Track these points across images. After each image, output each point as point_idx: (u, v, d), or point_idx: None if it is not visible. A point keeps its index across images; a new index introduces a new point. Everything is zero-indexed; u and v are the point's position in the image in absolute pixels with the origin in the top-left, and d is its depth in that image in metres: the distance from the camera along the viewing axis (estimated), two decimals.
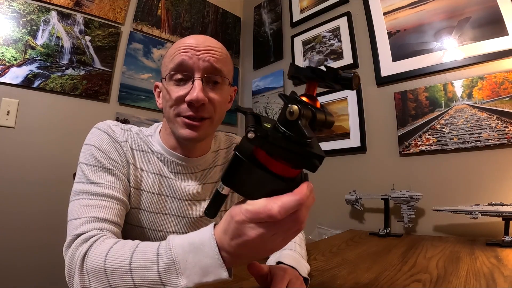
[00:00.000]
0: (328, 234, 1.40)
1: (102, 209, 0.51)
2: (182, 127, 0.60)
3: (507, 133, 1.06)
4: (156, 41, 1.79)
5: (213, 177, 0.71)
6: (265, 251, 0.37)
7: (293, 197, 0.31)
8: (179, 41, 0.62)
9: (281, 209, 0.31)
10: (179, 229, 0.65)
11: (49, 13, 1.42)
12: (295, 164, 0.32)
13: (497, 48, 1.12)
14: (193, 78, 0.58)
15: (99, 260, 0.42)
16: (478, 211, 0.96)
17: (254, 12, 2.26)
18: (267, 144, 0.31)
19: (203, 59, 0.58)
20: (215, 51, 0.60)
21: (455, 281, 0.59)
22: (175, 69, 0.59)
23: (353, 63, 1.56)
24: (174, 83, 0.59)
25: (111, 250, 0.42)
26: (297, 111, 0.29)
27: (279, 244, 0.36)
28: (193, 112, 0.58)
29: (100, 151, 0.58)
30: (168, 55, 0.62)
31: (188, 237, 0.39)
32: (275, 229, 0.33)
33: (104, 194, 0.53)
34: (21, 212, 1.25)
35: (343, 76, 0.30)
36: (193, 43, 0.59)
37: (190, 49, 0.58)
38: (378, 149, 1.43)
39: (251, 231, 0.33)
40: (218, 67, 0.60)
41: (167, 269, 0.37)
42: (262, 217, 0.32)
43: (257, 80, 2.12)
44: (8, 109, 1.27)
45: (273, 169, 0.32)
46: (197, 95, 0.56)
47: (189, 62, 0.58)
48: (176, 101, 0.59)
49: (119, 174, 0.58)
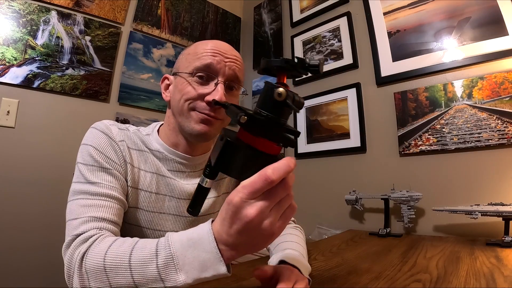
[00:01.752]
0: (328, 234, 1.40)
1: (100, 209, 0.51)
2: (196, 121, 0.61)
3: (507, 133, 1.06)
4: (156, 41, 1.79)
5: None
6: (264, 236, 0.36)
7: (282, 161, 0.35)
8: (205, 43, 0.64)
9: (274, 170, 0.34)
10: (177, 228, 0.65)
11: (49, 13, 1.42)
12: (277, 140, 0.37)
13: (497, 48, 1.12)
14: (216, 81, 0.61)
15: (98, 258, 0.42)
16: (478, 211, 0.96)
17: (254, 12, 2.26)
18: (255, 126, 0.36)
19: (229, 66, 0.62)
20: (239, 61, 0.65)
21: (455, 281, 0.59)
22: (202, 68, 0.61)
23: (353, 63, 1.56)
24: (197, 79, 0.61)
25: (110, 248, 0.43)
26: (284, 93, 0.34)
27: (277, 227, 0.37)
28: (211, 111, 0.61)
29: (97, 150, 0.58)
30: (193, 53, 0.63)
31: (187, 233, 0.40)
32: (271, 200, 0.35)
33: (102, 194, 0.53)
34: (21, 212, 1.25)
35: (311, 63, 0.36)
36: (222, 49, 0.63)
37: (219, 55, 0.61)
38: (378, 149, 1.43)
39: (250, 209, 0.34)
40: (239, 76, 0.65)
41: (166, 265, 0.38)
42: (258, 186, 0.34)
43: (257, 80, 2.12)
44: (8, 109, 1.27)
45: (259, 147, 0.36)
46: (220, 97, 0.59)
47: (217, 66, 0.61)
48: (197, 96, 0.61)
49: (117, 173, 0.58)
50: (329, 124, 1.62)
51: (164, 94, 0.69)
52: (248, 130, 0.36)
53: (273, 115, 0.36)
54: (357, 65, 1.56)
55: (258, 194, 0.34)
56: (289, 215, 0.38)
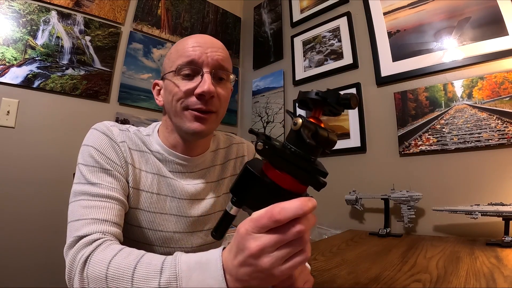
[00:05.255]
0: (328, 234, 1.40)
1: (102, 210, 0.51)
2: (191, 120, 0.60)
3: (507, 133, 1.06)
4: (156, 41, 1.79)
5: (212, 177, 0.72)
6: (262, 275, 0.33)
7: (294, 202, 0.32)
8: (185, 40, 0.63)
9: (281, 209, 0.31)
10: (178, 229, 0.65)
11: (49, 13, 1.42)
12: (301, 179, 0.34)
13: (497, 48, 1.12)
14: (201, 73, 0.60)
15: (101, 266, 0.41)
16: (478, 211, 0.96)
17: (254, 12, 2.26)
18: (275, 157, 0.34)
19: (211, 57, 0.60)
20: (221, 50, 0.63)
21: (455, 281, 0.59)
22: (184, 65, 0.60)
23: (353, 63, 1.56)
24: (182, 77, 0.60)
25: (115, 258, 0.42)
26: (300, 122, 0.33)
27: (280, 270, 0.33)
28: (203, 105, 0.59)
29: (98, 151, 0.58)
30: (174, 52, 0.63)
31: (196, 256, 0.39)
32: (276, 239, 0.32)
33: (103, 195, 0.53)
34: (21, 212, 1.25)
35: (342, 97, 0.34)
36: (201, 42, 0.61)
37: (199, 48, 0.60)
38: (378, 149, 1.43)
39: (252, 243, 0.32)
40: (224, 64, 0.63)
41: (169, 284, 0.36)
42: (263, 222, 0.32)
43: (257, 80, 2.12)
44: (8, 109, 1.27)
45: (281, 183, 0.34)
46: (208, 87, 0.58)
47: (199, 60, 0.60)
48: (185, 94, 0.59)
49: (118, 174, 0.58)
50: (329, 124, 1.62)
51: (157, 100, 0.69)
52: (270, 160, 0.35)
53: (299, 151, 0.34)
54: (357, 65, 1.56)
55: (263, 230, 0.33)
56: (298, 261, 0.34)
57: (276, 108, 1.94)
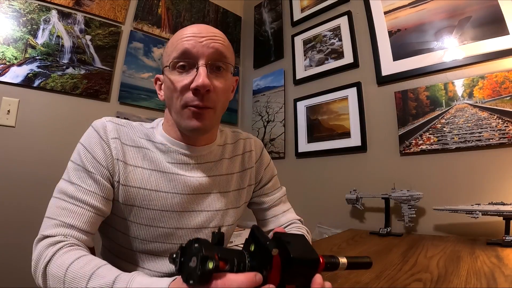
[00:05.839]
0: (328, 233, 1.40)
1: (72, 215, 0.52)
2: (189, 117, 0.58)
3: (508, 133, 1.06)
4: (157, 40, 1.79)
5: (220, 170, 0.70)
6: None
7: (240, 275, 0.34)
8: (180, 31, 0.61)
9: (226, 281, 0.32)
10: (182, 225, 0.63)
11: (50, 12, 1.42)
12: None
13: (498, 48, 1.12)
14: (197, 65, 0.57)
15: (60, 270, 0.44)
16: (478, 211, 0.96)
17: (254, 11, 2.26)
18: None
19: (207, 45, 0.57)
20: (219, 37, 0.60)
21: (455, 280, 0.59)
22: (178, 57, 0.58)
23: (354, 62, 1.56)
24: (177, 71, 0.58)
25: (73, 264, 0.44)
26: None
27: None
28: (199, 101, 0.57)
29: (86, 150, 0.57)
30: (170, 45, 0.61)
31: (150, 281, 0.40)
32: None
33: (79, 199, 0.53)
34: (21, 212, 1.25)
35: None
36: (196, 31, 0.59)
37: (193, 37, 0.58)
38: (378, 149, 1.43)
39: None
40: (223, 51, 0.59)
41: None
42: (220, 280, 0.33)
43: (257, 79, 2.12)
44: (8, 108, 1.27)
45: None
46: (203, 81, 0.55)
47: (193, 50, 0.57)
48: (181, 90, 0.57)
49: (100, 178, 0.56)
50: (330, 123, 1.62)
51: (159, 94, 0.68)
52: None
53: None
54: (358, 64, 1.56)
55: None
56: None
57: (276, 107, 1.94)
